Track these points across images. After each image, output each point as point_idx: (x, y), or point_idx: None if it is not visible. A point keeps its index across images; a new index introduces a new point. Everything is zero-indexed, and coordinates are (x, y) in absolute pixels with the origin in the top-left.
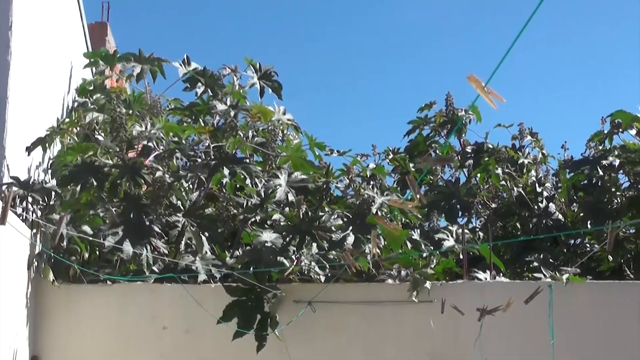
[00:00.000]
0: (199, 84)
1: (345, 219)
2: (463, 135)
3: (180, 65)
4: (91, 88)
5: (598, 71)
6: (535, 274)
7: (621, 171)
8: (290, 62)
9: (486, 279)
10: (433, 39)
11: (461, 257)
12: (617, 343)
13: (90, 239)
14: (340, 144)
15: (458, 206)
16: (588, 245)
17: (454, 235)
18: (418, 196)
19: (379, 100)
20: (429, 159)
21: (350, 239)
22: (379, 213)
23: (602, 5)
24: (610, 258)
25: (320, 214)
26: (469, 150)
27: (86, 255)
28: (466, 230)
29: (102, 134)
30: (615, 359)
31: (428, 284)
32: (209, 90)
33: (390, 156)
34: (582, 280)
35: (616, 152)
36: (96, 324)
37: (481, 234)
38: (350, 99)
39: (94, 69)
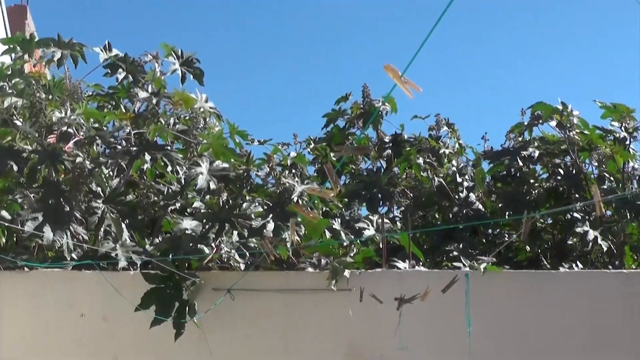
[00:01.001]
0: (120, 70)
1: (265, 207)
2: (379, 126)
3: (101, 50)
4: (9, 72)
5: (519, 64)
6: (455, 263)
7: (540, 162)
8: (213, 50)
9: (405, 268)
10: (356, 31)
11: (381, 246)
12: (533, 331)
13: (8, 224)
14: (263, 133)
15: (379, 195)
16: (507, 235)
17: (374, 224)
18: (336, 185)
19: (304, 90)
20: (346, 148)
21: (270, 226)
22: (300, 202)
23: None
24: (528, 248)
25: (241, 202)
26: (387, 141)
27: (3, 241)
28: (386, 220)
29: (21, 119)
30: (532, 347)
31: (347, 273)
32: (130, 76)
33: (312, 145)
34: (499, 269)
35: (535, 144)
36: (12, 310)
37: (401, 223)
38: (273, 89)
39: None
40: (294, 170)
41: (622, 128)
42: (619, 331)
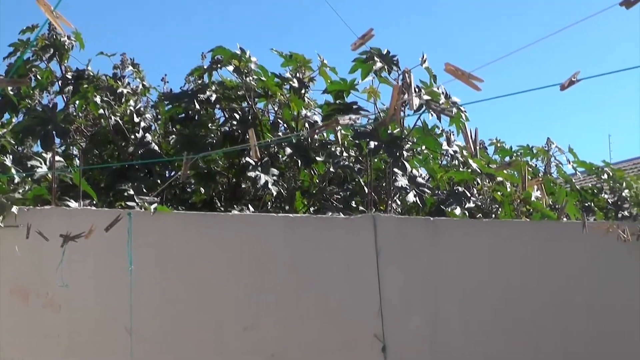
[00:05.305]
0: None
1: None
2: (65, 61)
3: None
4: None
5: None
6: (129, 203)
7: (218, 106)
8: None
9: (76, 206)
10: None
11: (54, 184)
12: (201, 271)
13: None
14: None
15: (54, 132)
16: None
17: (48, 162)
18: None
19: None
20: (1, 80)
21: None
22: None
23: None
24: (202, 190)
25: None
26: (70, 77)
27: None
28: (61, 158)
29: None
30: (198, 285)
31: (15, 209)
32: None
33: None
34: (169, 210)
35: (214, 88)
36: None
37: (78, 161)
38: None
39: None
40: None
41: (297, 77)
42: (283, 272)
